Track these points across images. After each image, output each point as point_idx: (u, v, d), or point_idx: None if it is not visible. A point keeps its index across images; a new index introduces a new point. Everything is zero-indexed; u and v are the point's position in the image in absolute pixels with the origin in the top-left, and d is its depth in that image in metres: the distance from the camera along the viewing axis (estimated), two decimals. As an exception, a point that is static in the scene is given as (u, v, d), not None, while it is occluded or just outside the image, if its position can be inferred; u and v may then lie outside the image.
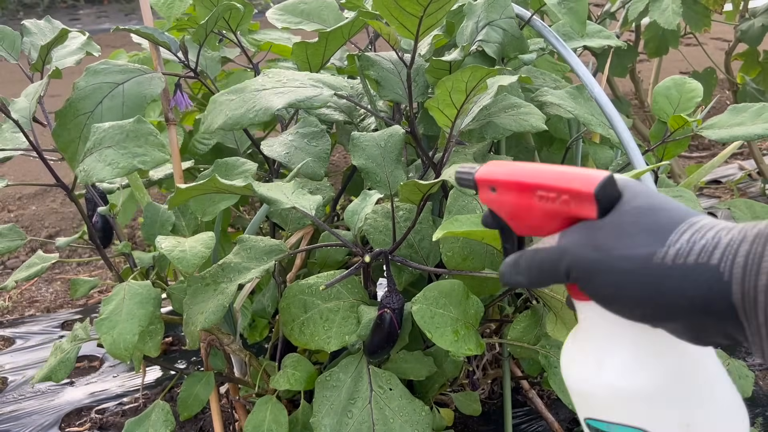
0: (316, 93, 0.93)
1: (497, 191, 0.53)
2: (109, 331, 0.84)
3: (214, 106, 0.95)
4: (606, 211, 0.47)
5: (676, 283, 0.42)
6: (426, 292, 0.87)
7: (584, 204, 0.47)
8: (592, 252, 0.45)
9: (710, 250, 0.41)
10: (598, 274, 0.45)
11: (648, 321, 0.45)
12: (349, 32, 1.08)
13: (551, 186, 0.49)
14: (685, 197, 1.06)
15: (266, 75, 1.00)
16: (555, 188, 0.49)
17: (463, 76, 0.85)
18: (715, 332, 0.43)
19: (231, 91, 0.96)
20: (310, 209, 0.88)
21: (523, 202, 0.51)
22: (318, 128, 1.14)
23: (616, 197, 0.47)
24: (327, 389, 0.92)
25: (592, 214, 0.47)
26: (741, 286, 0.40)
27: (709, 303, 0.41)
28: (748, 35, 2.04)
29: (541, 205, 0.50)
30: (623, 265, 0.44)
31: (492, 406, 1.49)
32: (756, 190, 2.61)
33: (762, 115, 1.02)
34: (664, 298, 0.42)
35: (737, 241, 0.41)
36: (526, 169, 0.52)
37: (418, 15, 0.87)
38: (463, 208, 0.92)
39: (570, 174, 0.49)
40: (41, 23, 1.10)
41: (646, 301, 0.43)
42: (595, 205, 0.47)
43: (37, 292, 2.20)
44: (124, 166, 0.81)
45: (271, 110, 0.89)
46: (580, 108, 1.05)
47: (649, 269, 0.43)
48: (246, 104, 0.92)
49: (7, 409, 1.63)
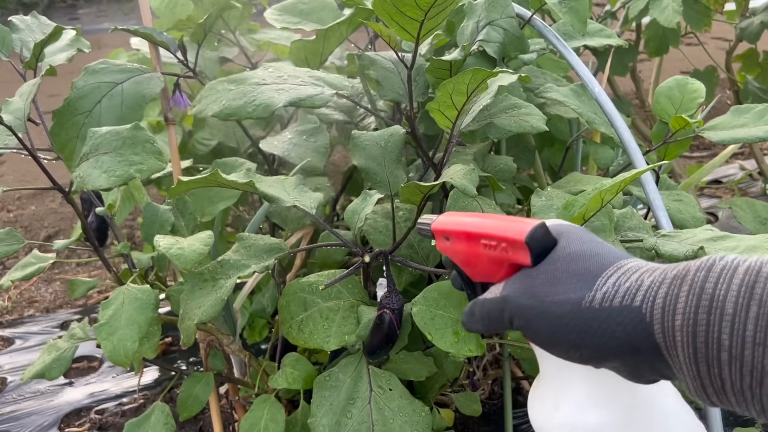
0: (318, 92, 0.93)
1: (451, 240, 0.58)
2: (109, 337, 0.84)
3: (210, 92, 0.93)
4: (540, 257, 0.50)
5: (604, 324, 0.44)
6: (426, 294, 0.86)
7: (519, 251, 0.51)
8: (528, 299, 0.48)
9: (633, 292, 0.44)
10: (535, 320, 0.48)
11: (587, 362, 0.47)
12: (347, 30, 1.07)
13: (491, 234, 0.53)
14: (684, 201, 1.06)
15: (266, 69, 0.99)
16: (494, 236, 0.53)
17: (464, 79, 0.84)
18: (648, 370, 0.45)
19: (229, 80, 0.95)
20: (311, 207, 0.88)
21: (471, 250, 0.56)
22: (316, 124, 1.13)
23: (550, 244, 0.50)
24: (326, 389, 0.91)
25: (527, 261, 0.50)
26: (661, 325, 0.42)
27: (635, 343, 0.43)
28: (747, 32, 2.04)
29: (486, 252, 0.54)
30: (556, 310, 0.46)
31: (492, 406, 1.48)
32: (757, 190, 2.60)
33: (764, 117, 1.01)
34: (595, 340, 0.45)
35: (657, 282, 0.43)
36: (472, 220, 0.57)
37: (419, 19, 0.87)
38: (463, 209, 0.91)
39: (508, 223, 0.53)
40: (28, 19, 1.08)
41: (580, 343, 0.45)
42: (528, 253, 0.50)
43: (37, 292, 2.19)
44: (120, 174, 0.81)
45: (272, 107, 0.88)
46: (584, 106, 1.04)
47: (580, 313, 0.45)
48: (245, 96, 0.90)
49: (6, 410, 1.62)
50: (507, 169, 1.09)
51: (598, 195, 0.74)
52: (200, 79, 1.16)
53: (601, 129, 1.02)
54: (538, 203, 0.85)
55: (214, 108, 0.90)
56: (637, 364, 0.45)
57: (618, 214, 0.89)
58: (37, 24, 1.08)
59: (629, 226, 0.89)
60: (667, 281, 0.43)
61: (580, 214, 0.76)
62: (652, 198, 0.94)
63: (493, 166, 1.09)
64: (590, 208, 0.76)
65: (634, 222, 0.90)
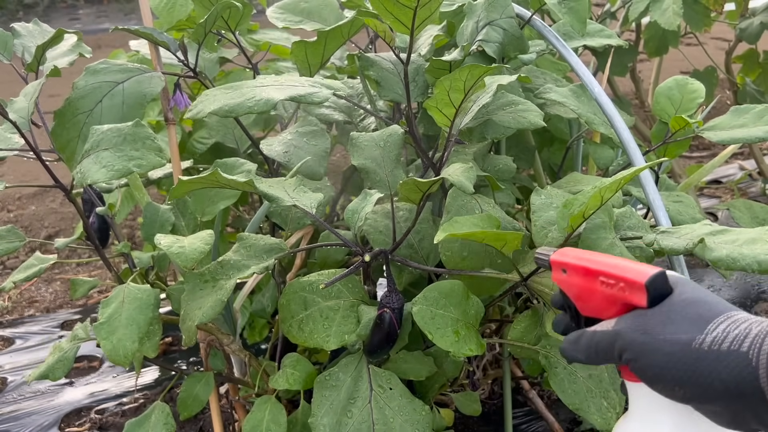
0: (316, 90, 0.94)
1: (567, 273, 0.62)
2: (109, 336, 0.84)
3: (207, 97, 0.94)
4: (656, 301, 0.54)
5: (711, 365, 0.48)
6: (426, 293, 0.86)
7: (636, 293, 0.55)
8: (641, 335, 0.52)
9: (741, 339, 0.47)
10: (646, 355, 0.52)
11: (689, 401, 0.50)
12: (349, 32, 1.07)
13: (611, 274, 0.57)
14: (684, 202, 1.06)
15: (264, 76, 1.01)
16: (614, 276, 0.57)
17: (461, 75, 0.84)
18: (751, 418, 0.48)
19: (227, 87, 0.95)
20: (311, 207, 0.88)
21: (587, 285, 0.60)
22: (317, 127, 1.13)
23: (667, 291, 0.54)
24: (326, 389, 0.91)
25: (642, 303, 0.54)
26: (767, 371, 0.45)
27: (740, 386, 0.47)
28: (747, 33, 2.04)
29: (602, 289, 0.58)
30: (667, 348, 0.50)
31: (492, 406, 1.48)
32: (756, 190, 2.61)
33: (763, 118, 1.02)
34: (701, 380, 0.48)
35: (764, 331, 0.47)
36: (592, 257, 0.61)
37: (412, 6, 0.87)
38: (461, 208, 0.91)
39: (629, 266, 0.57)
40: (30, 26, 1.10)
41: (686, 381, 0.49)
42: (646, 295, 0.54)
43: (37, 292, 2.20)
44: (119, 169, 0.81)
45: (272, 101, 0.89)
46: (583, 106, 1.04)
47: (689, 352, 0.49)
48: (244, 95, 0.91)
49: (6, 409, 1.62)
50: (506, 169, 1.09)
51: (597, 193, 0.74)
52: (200, 79, 1.16)
53: (600, 129, 1.02)
54: (537, 202, 0.86)
55: (211, 107, 0.91)
56: (739, 409, 0.47)
57: (617, 213, 0.89)
58: (39, 30, 1.10)
59: (628, 225, 0.90)
60: None
61: (580, 212, 0.76)
62: (651, 198, 0.94)
63: (492, 166, 1.09)
64: (590, 206, 0.76)
65: (633, 221, 0.90)
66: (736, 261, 0.71)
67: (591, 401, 0.90)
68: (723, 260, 0.71)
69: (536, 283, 0.87)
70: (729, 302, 0.53)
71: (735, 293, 1.91)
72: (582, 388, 0.91)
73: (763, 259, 0.69)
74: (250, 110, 0.89)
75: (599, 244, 0.79)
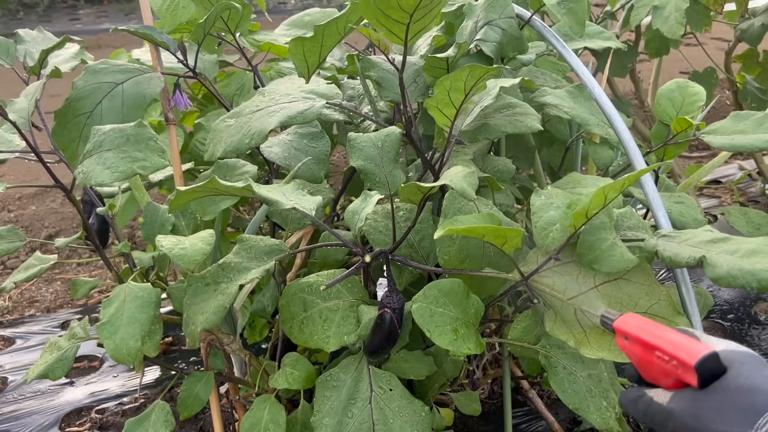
0: (308, 106, 0.98)
1: (629, 342, 0.65)
2: (111, 335, 0.84)
3: (215, 134, 1.01)
4: (707, 382, 0.55)
5: None
6: (426, 291, 0.86)
7: (688, 372, 0.56)
8: (692, 421, 0.54)
9: None
10: None
11: None
12: (345, 26, 1.07)
13: (665, 350, 0.59)
14: (685, 203, 1.06)
15: (261, 94, 1.06)
16: (667, 353, 0.59)
17: (461, 75, 0.85)
18: None
19: (230, 115, 1.02)
20: (310, 209, 0.88)
21: (645, 356, 0.62)
22: (317, 128, 1.14)
23: (719, 372, 0.55)
24: (327, 389, 0.92)
25: (693, 383, 0.56)
26: None
27: None
28: (748, 34, 2.04)
29: (658, 363, 0.60)
30: None
31: (492, 406, 1.49)
32: (756, 190, 2.61)
33: (763, 125, 1.02)
34: None
35: None
36: (652, 328, 0.63)
37: (404, 22, 0.87)
38: (458, 210, 0.92)
39: (683, 343, 0.58)
40: (34, 33, 1.13)
41: None
42: (696, 376, 0.55)
43: (37, 292, 2.20)
44: (123, 171, 0.81)
45: (264, 132, 0.95)
46: (579, 108, 1.04)
47: None
48: (242, 129, 0.98)
49: (7, 409, 1.63)
50: (506, 170, 1.09)
51: (601, 192, 0.74)
52: (200, 79, 1.16)
53: (595, 131, 1.03)
54: (537, 202, 0.86)
55: (219, 149, 0.99)
56: None
57: (617, 213, 0.89)
58: (42, 38, 1.13)
59: (628, 226, 0.90)
60: None
61: (584, 211, 0.77)
62: (651, 198, 0.94)
63: (492, 167, 1.09)
64: (593, 206, 0.76)
65: (633, 221, 0.90)
66: (736, 278, 0.71)
67: (590, 401, 0.90)
68: (723, 278, 0.72)
69: (537, 282, 0.87)
70: (727, 304, 0.54)
71: (735, 293, 1.92)
72: (582, 387, 0.91)
73: (763, 276, 0.70)
74: (249, 146, 0.95)
75: (599, 245, 0.79)
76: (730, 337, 1.75)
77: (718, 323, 1.80)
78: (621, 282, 0.83)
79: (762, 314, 1.83)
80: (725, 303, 1.88)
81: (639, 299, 0.82)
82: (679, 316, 0.81)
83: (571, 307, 0.85)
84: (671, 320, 0.81)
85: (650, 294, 0.82)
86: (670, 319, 0.81)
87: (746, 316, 1.82)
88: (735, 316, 1.82)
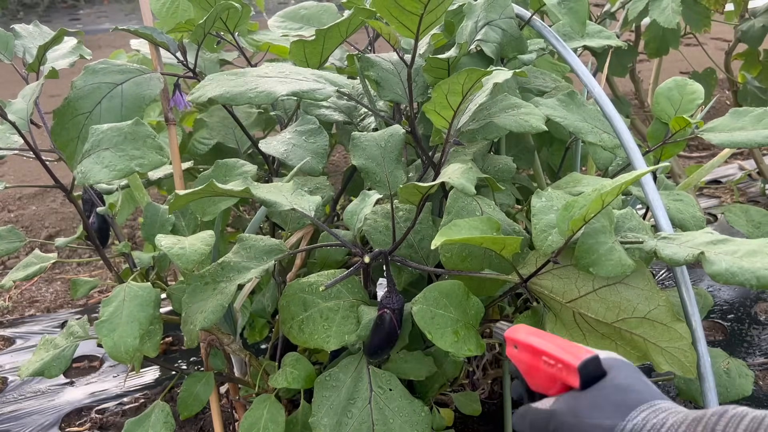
0: (320, 86, 0.94)
1: (518, 349, 0.67)
2: (110, 334, 0.84)
3: (212, 80, 0.93)
4: (588, 383, 0.58)
5: None
6: (426, 293, 0.86)
7: (571, 374, 0.59)
8: (572, 418, 0.57)
9: (658, 428, 0.52)
10: None
11: None
12: (347, 30, 1.07)
13: (551, 354, 0.62)
14: (684, 201, 1.06)
15: (269, 65, 1.00)
16: (553, 357, 0.62)
17: (459, 79, 0.85)
18: None
19: (231, 73, 0.96)
20: (309, 210, 0.88)
21: (533, 363, 0.65)
22: (315, 125, 1.14)
23: (599, 374, 0.59)
24: (327, 389, 0.92)
25: (576, 384, 0.59)
26: None
27: None
28: (749, 35, 2.04)
29: (545, 368, 0.63)
30: None
31: (492, 406, 1.49)
32: (756, 190, 2.61)
33: (762, 121, 1.02)
34: None
35: (678, 422, 0.52)
36: (539, 337, 0.66)
37: (418, 13, 0.87)
38: (462, 209, 0.91)
39: (569, 347, 0.61)
40: (30, 28, 1.12)
41: None
42: (578, 377, 0.58)
43: (38, 292, 2.20)
44: (121, 169, 0.81)
45: (273, 95, 0.88)
46: (571, 116, 1.04)
47: None
48: (247, 84, 0.91)
49: (7, 409, 1.63)
50: (506, 170, 1.09)
51: (599, 197, 0.74)
52: (200, 79, 1.16)
53: (588, 138, 1.02)
54: (538, 204, 0.86)
55: (213, 92, 0.90)
56: None
57: (617, 214, 0.89)
58: (39, 32, 1.12)
59: (629, 227, 0.89)
60: (687, 422, 0.51)
61: (581, 216, 0.76)
62: (651, 198, 0.94)
63: (492, 167, 1.09)
64: (591, 210, 0.76)
65: (634, 223, 0.90)
66: (735, 275, 0.71)
67: (590, 401, 0.90)
68: (722, 274, 0.72)
69: (536, 284, 0.87)
70: (727, 304, 0.55)
71: (734, 293, 1.92)
72: (581, 388, 0.91)
73: (762, 274, 0.70)
74: (251, 101, 0.89)
75: (597, 249, 0.79)
76: (730, 336, 1.75)
77: (718, 323, 1.80)
78: (620, 286, 0.83)
79: (762, 314, 1.83)
80: (725, 303, 1.88)
81: (638, 304, 0.82)
82: (678, 323, 0.81)
83: (570, 310, 0.85)
84: (670, 326, 0.81)
85: (649, 299, 0.81)
86: (668, 325, 0.81)
87: (746, 316, 1.82)
88: (735, 316, 1.82)
